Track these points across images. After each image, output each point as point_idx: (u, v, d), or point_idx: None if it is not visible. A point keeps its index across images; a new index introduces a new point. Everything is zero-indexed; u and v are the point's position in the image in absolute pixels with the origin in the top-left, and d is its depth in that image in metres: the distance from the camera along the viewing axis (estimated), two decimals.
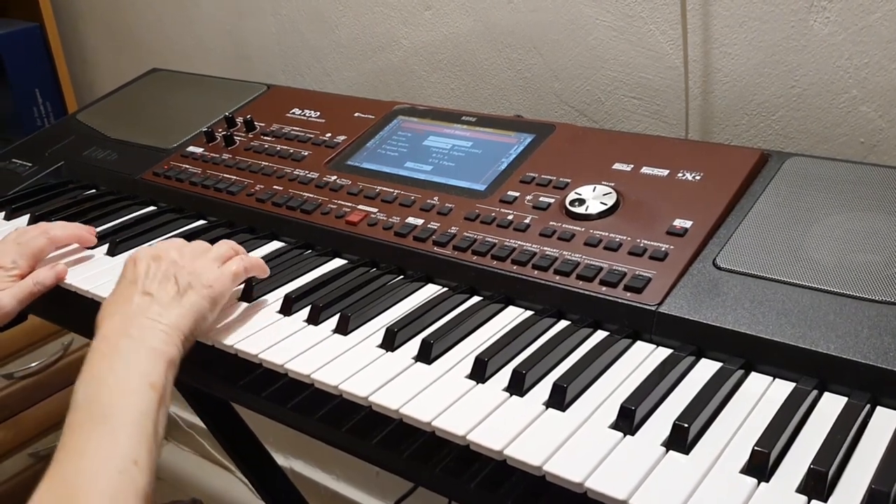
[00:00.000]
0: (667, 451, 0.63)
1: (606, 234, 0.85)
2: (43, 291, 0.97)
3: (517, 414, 0.68)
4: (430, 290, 0.89)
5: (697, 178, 0.89)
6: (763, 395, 0.69)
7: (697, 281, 0.78)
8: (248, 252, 1.01)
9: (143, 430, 0.69)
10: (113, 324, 0.78)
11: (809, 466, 0.58)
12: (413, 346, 0.78)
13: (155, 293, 0.80)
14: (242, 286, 0.90)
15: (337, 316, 0.83)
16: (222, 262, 0.87)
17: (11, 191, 1.27)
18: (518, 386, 0.71)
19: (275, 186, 1.08)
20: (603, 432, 0.65)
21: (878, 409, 0.66)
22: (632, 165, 0.93)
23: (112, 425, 0.68)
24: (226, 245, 0.90)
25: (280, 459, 2.07)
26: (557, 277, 0.82)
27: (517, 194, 0.94)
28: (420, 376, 0.74)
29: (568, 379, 0.70)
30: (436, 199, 0.97)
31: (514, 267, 0.85)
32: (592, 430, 0.66)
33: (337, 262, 0.97)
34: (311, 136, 1.16)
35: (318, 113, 1.22)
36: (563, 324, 0.81)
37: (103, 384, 0.72)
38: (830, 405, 0.67)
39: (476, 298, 0.87)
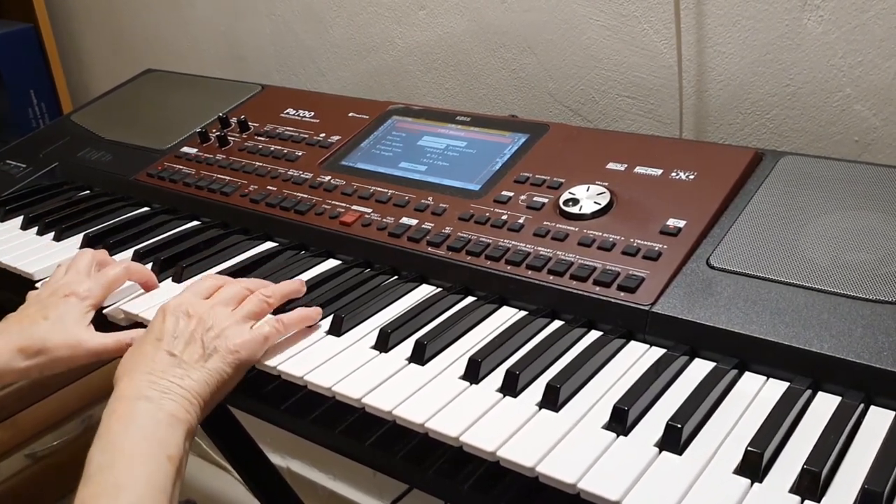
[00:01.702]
0: (660, 451, 0.63)
1: (600, 233, 0.85)
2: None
3: (510, 415, 0.68)
4: (424, 291, 0.89)
5: (691, 177, 0.89)
6: (757, 394, 0.69)
7: (691, 280, 0.78)
8: (248, 254, 1.01)
9: None
10: (132, 382, 0.74)
11: (803, 466, 0.59)
12: (407, 347, 0.78)
13: (179, 354, 0.76)
14: None
15: (330, 317, 0.83)
16: (254, 319, 0.81)
17: (6, 192, 1.27)
18: (511, 387, 0.71)
19: (269, 187, 1.08)
20: (596, 433, 0.65)
21: (872, 408, 0.66)
22: (625, 165, 0.93)
23: (124, 498, 0.65)
24: (258, 299, 0.82)
25: (277, 459, 2.07)
26: (551, 277, 0.82)
27: (511, 194, 0.94)
28: (414, 377, 0.74)
29: (561, 379, 0.69)
30: (430, 199, 0.97)
31: (508, 267, 0.85)
32: (585, 430, 0.65)
33: (331, 263, 0.97)
34: (306, 136, 1.16)
35: (313, 113, 1.22)
36: (556, 324, 0.81)
37: (118, 452, 0.68)
38: (824, 405, 0.67)
39: (470, 299, 0.87)
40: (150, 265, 0.99)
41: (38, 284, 0.99)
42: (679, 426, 0.63)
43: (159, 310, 0.81)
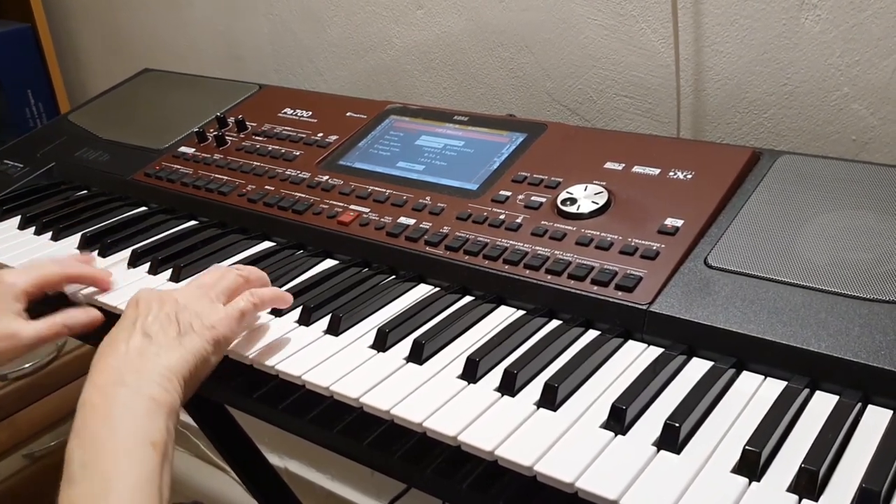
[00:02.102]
0: (658, 450, 0.63)
1: (598, 233, 0.85)
2: (70, 335, 0.90)
3: (508, 414, 0.68)
4: (422, 290, 0.89)
5: (689, 176, 0.89)
6: (754, 393, 0.69)
7: (689, 280, 0.78)
8: (246, 254, 1.01)
9: (147, 497, 0.63)
10: (107, 370, 0.72)
11: (801, 465, 0.58)
12: (405, 346, 0.78)
13: (154, 335, 0.74)
14: None
15: (328, 316, 0.83)
16: (229, 298, 0.81)
17: (3, 192, 1.26)
18: (509, 386, 0.71)
19: (266, 186, 1.08)
20: (594, 432, 0.65)
21: (870, 407, 0.66)
22: (623, 164, 0.93)
23: (114, 495, 0.62)
24: (233, 275, 0.83)
25: (275, 460, 2.07)
26: (549, 277, 0.82)
27: (509, 194, 0.94)
28: (411, 377, 0.74)
29: (559, 378, 0.69)
30: (428, 198, 0.97)
31: (506, 266, 0.85)
32: (583, 429, 0.65)
33: (328, 263, 0.97)
34: (303, 135, 1.16)
35: (310, 113, 1.22)
36: (554, 323, 0.81)
37: (100, 447, 0.65)
38: (822, 404, 0.67)
39: (468, 298, 0.87)
40: (147, 264, 0.99)
41: None
42: (677, 425, 0.63)
43: (131, 299, 0.79)
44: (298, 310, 0.85)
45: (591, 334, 0.79)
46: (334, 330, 0.82)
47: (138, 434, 0.66)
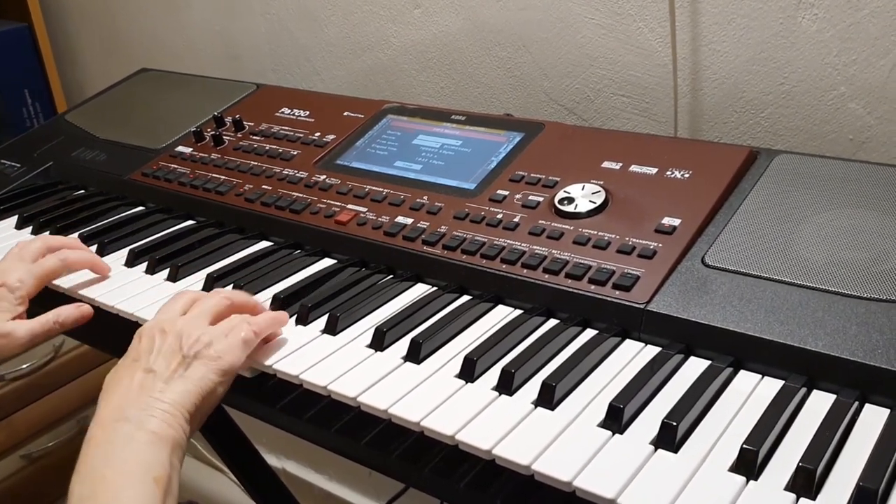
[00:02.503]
0: (655, 449, 0.63)
1: (595, 232, 0.85)
2: (62, 331, 0.89)
3: (506, 413, 0.68)
4: (420, 290, 0.89)
5: (686, 176, 0.89)
6: (752, 392, 0.69)
7: (686, 279, 0.78)
8: (243, 253, 1.01)
9: None
10: (109, 406, 0.70)
11: (798, 464, 0.58)
12: (402, 345, 0.78)
13: (158, 369, 0.73)
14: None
15: (326, 316, 0.83)
16: (229, 330, 0.78)
17: (0, 192, 1.26)
18: (507, 385, 0.71)
19: (264, 186, 1.08)
20: (591, 431, 0.65)
21: (867, 406, 0.66)
22: (620, 164, 0.93)
23: None
24: (237, 316, 0.81)
25: (273, 460, 2.07)
26: (546, 276, 0.82)
27: (506, 193, 0.94)
28: (409, 376, 0.74)
29: (557, 378, 0.69)
30: (425, 198, 0.97)
31: (504, 266, 0.85)
32: (581, 428, 0.65)
33: (326, 262, 0.97)
34: (301, 135, 1.16)
35: (308, 112, 1.22)
36: (551, 322, 0.81)
37: (100, 482, 0.64)
38: (819, 403, 0.67)
39: (465, 297, 0.86)
40: (145, 264, 0.99)
41: None
42: (674, 424, 0.63)
43: (135, 334, 0.78)
44: (296, 309, 0.85)
45: (589, 333, 0.78)
46: (332, 329, 0.82)
47: (139, 469, 0.65)
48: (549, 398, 0.68)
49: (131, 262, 1.01)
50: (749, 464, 0.60)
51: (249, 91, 1.33)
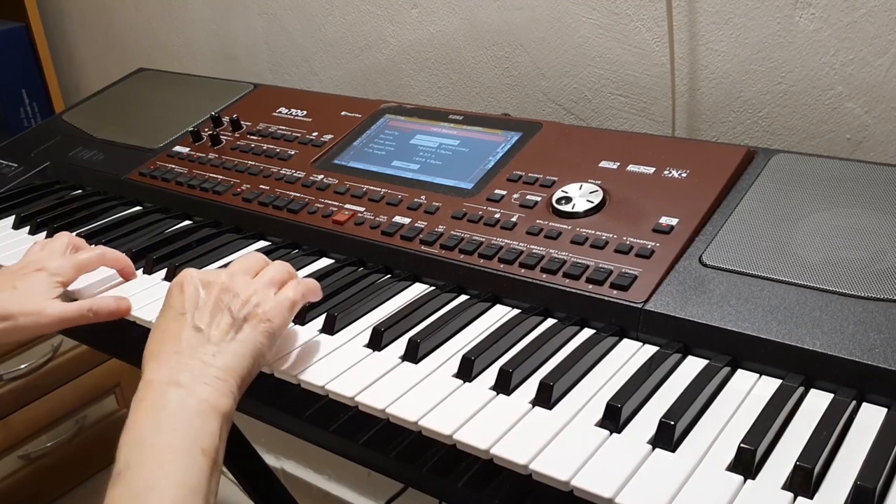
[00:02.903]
0: (653, 448, 0.63)
1: (593, 232, 0.85)
2: (93, 322, 0.87)
3: (504, 413, 0.68)
4: (418, 290, 0.89)
5: (684, 175, 0.89)
6: (749, 392, 0.69)
7: (683, 278, 0.78)
8: (240, 253, 1.01)
9: None
10: (160, 366, 0.68)
11: (795, 463, 0.59)
12: (400, 345, 0.78)
13: (206, 328, 0.70)
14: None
15: (323, 316, 0.83)
16: (277, 288, 0.76)
17: None
18: (505, 384, 0.71)
19: (261, 186, 1.08)
20: (589, 430, 0.65)
21: (864, 405, 0.66)
22: (618, 163, 0.93)
23: (155, 502, 0.59)
24: (280, 267, 0.79)
25: (271, 460, 2.07)
26: (544, 276, 0.82)
27: (504, 193, 0.94)
28: (407, 376, 0.74)
29: (554, 377, 0.69)
30: (423, 197, 0.97)
31: (501, 265, 0.85)
32: (579, 428, 0.66)
33: (324, 262, 0.97)
34: (298, 135, 1.16)
35: (305, 112, 1.21)
36: (549, 322, 0.81)
37: (147, 449, 0.62)
38: (816, 402, 0.67)
39: (463, 297, 0.86)
40: (142, 264, 0.99)
41: None
42: (672, 423, 0.63)
43: (173, 282, 0.74)
44: None
45: (587, 333, 0.79)
46: (329, 329, 0.82)
47: (188, 439, 0.63)
48: (546, 397, 0.68)
49: None
50: (746, 463, 0.60)
51: (247, 91, 1.33)
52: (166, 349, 0.69)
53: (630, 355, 0.75)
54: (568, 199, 0.89)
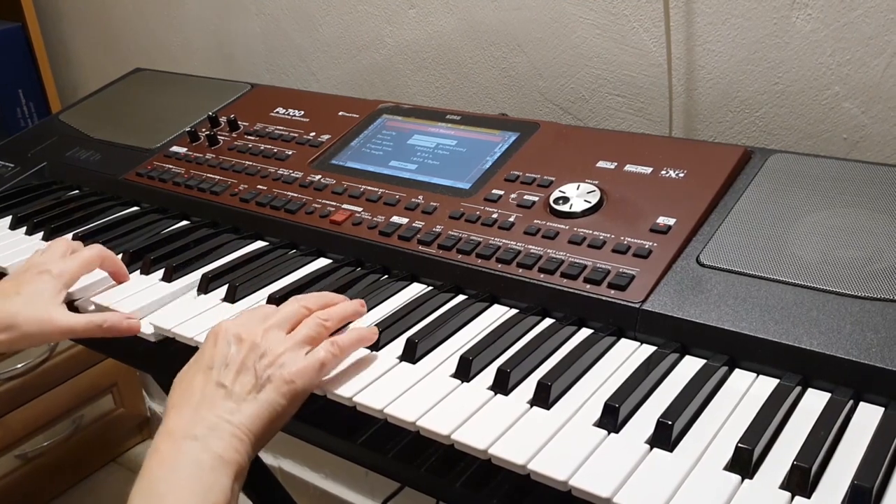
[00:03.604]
0: (651, 448, 0.63)
1: (590, 231, 0.85)
2: (104, 336, 0.87)
3: (502, 412, 0.68)
4: (415, 290, 0.89)
5: (681, 175, 0.89)
6: (747, 391, 0.69)
7: (681, 278, 0.78)
8: (238, 253, 1.01)
9: None
10: (180, 418, 0.69)
11: (793, 462, 0.59)
12: (398, 345, 0.78)
13: (230, 385, 0.70)
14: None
15: None
16: (310, 345, 0.75)
17: None
18: (503, 384, 0.71)
19: (259, 186, 1.08)
20: (587, 430, 0.65)
21: (861, 404, 0.66)
22: (615, 163, 0.93)
23: None
24: (315, 325, 0.77)
25: (269, 459, 2.07)
26: (542, 275, 0.82)
27: (502, 193, 0.94)
28: (405, 376, 0.74)
29: (552, 377, 0.70)
30: (420, 197, 0.97)
31: (499, 265, 0.85)
32: (577, 428, 0.66)
33: (321, 262, 0.97)
34: (296, 135, 1.16)
35: (303, 112, 1.21)
36: (547, 322, 0.81)
37: (158, 499, 0.63)
38: (814, 401, 0.67)
39: (461, 297, 0.87)
40: (140, 265, 0.99)
41: None
42: (670, 423, 0.63)
43: (210, 333, 0.76)
44: None
45: (584, 333, 0.79)
46: None
47: (200, 493, 0.64)
48: (544, 397, 0.68)
49: (126, 262, 1.00)
50: (744, 462, 0.60)
51: (244, 91, 1.33)
52: (187, 402, 0.70)
53: (628, 355, 0.75)
54: (565, 199, 0.90)
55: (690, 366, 0.72)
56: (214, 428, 0.68)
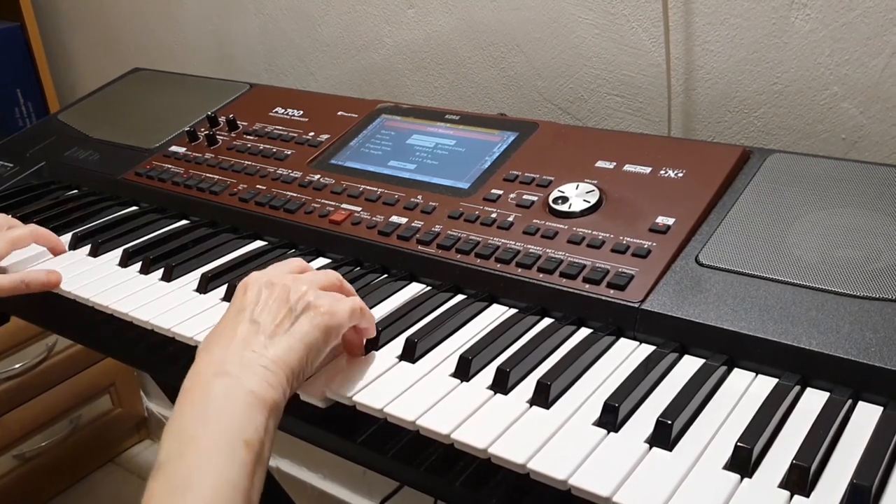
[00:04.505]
0: (650, 447, 0.63)
1: (589, 231, 0.85)
2: (25, 293, 0.96)
3: (501, 412, 0.68)
4: (414, 289, 0.89)
5: (680, 175, 0.89)
6: (746, 391, 0.69)
7: (680, 278, 0.78)
8: (237, 253, 1.01)
9: (230, 501, 0.58)
10: (211, 356, 0.67)
11: (792, 462, 0.59)
12: (397, 345, 0.78)
13: (262, 321, 0.69)
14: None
15: None
16: (340, 297, 0.74)
17: None
18: (502, 384, 0.71)
19: (258, 186, 1.08)
20: (587, 429, 0.65)
21: (860, 404, 0.66)
22: (614, 163, 0.93)
23: (193, 494, 0.58)
24: (341, 288, 0.77)
25: None
26: (541, 275, 0.82)
27: (501, 192, 0.94)
28: (404, 375, 0.74)
29: (552, 376, 0.70)
30: (419, 197, 0.97)
31: (498, 265, 0.85)
32: (576, 427, 0.66)
33: (321, 262, 0.97)
34: (295, 135, 1.16)
35: (302, 112, 1.21)
36: (546, 321, 0.81)
37: (189, 441, 0.61)
38: (813, 401, 0.67)
39: (460, 297, 0.87)
40: (139, 264, 0.99)
41: None
42: (669, 422, 0.63)
43: (240, 284, 0.74)
44: None
45: (584, 332, 0.79)
46: None
47: (232, 430, 0.62)
48: (544, 397, 0.69)
49: (125, 262, 1.01)
50: (743, 462, 0.60)
51: (243, 91, 1.33)
52: (219, 342, 0.69)
53: (627, 355, 0.75)
54: (564, 199, 0.90)
55: (689, 365, 0.72)
56: (247, 363, 0.66)
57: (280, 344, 0.68)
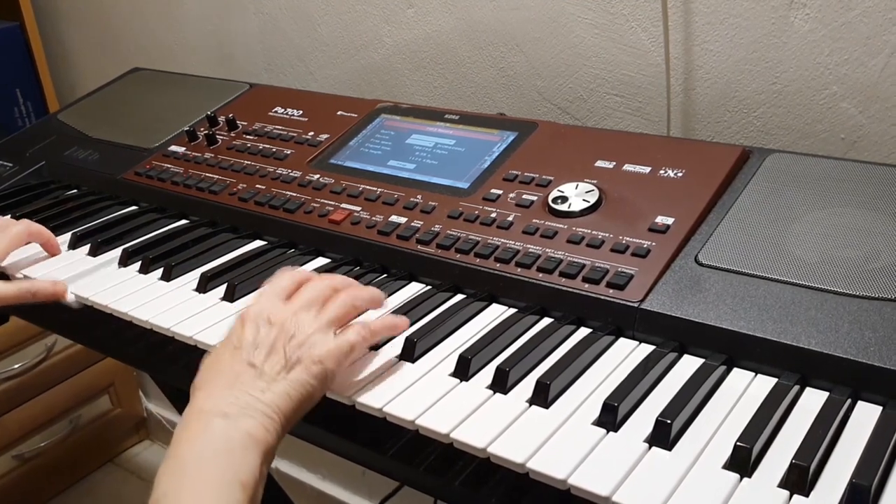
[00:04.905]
0: (650, 447, 0.63)
1: (589, 231, 0.85)
2: (31, 302, 0.94)
3: (501, 411, 0.68)
4: (414, 289, 0.89)
5: (679, 175, 0.89)
6: (745, 390, 0.69)
7: (679, 277, 0.78)
8: (237, 252, 1.01)
9: None
10: (209, 396, 0.69)
11: (791, 461, 0.59)
12: (396, 344, 0.78)
13: (260, 364, 0.70)
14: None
15: None
16: (338, 325, 0.75)
17: None
18: (501, 383, 0.71)
19: (257, 185, 1.08)
20: (586, 429, 0.65)
21: (860, 403, 0.66)
22: (614, 163, 0.93)
23: None
24: (348, 300, 0.77)
25: None
26: (540, 275, 0.82)
27: (500, 192, 0.94)
28: (403, 375, 0.74)
29: (551, 376, 0.70)
30: (419, 197, 0.97)
31: (498, 264, 0.85)
32: (576, 427, 0.66)
33: (320, 261, 0.97)
34: (294, 134, 1.16)
35: (301, 112, 1.21)
36: (546, 321, 0.81)
37: (186, 480, 0.62)
38: (812, 400, 0.67)
39: (459, 296, 0.87)
40: (138, 264, 0.99)
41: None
42: (668, 422, 0.63)
43: (238, 317, 0.75)
44: None
45: (583, 332, 0.79)
46: None
47: (228, 472, 0.63)
48: (543, 396, 0.69)
49: (125, 261, 1.01)
50: (742, 461, 0.60)
51: (243, 90, 1.33)
52: (217, 381, 0.70)
53: (626, 354, 0.75)
54: (564, 199, 0.90)
55: (689, 365, 0.72)
56: (245, 406, 0.67)
57: (276, 390, 0.69)
